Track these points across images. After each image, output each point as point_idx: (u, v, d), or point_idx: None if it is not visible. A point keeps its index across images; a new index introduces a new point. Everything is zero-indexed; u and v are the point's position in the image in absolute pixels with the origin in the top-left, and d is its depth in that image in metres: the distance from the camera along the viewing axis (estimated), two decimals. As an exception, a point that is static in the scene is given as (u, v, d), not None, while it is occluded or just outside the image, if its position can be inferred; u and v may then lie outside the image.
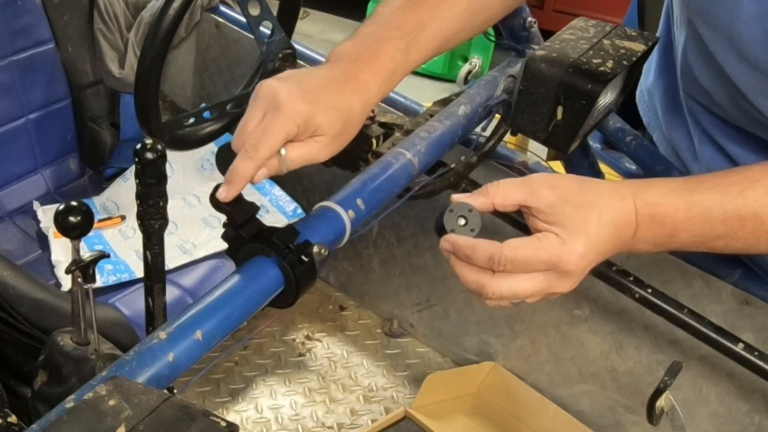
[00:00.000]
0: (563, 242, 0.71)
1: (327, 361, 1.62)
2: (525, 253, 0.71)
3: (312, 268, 0.74)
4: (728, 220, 0.74)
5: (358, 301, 1.76)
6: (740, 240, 0.75)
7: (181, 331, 0.66)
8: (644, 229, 0.74)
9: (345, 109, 0.78)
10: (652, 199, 0.74)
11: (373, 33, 0.85)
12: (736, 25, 0.85)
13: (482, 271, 0.73)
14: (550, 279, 0.72)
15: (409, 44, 0.85)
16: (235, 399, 1.52)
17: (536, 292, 0.72)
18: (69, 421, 0.55)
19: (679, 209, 0.74)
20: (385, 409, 1.53)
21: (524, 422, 1.50)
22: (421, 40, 0.86)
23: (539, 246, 0.71)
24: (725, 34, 0.88)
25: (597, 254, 0.72)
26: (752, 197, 0.74)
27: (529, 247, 0.71)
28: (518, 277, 0.72)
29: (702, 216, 0.74)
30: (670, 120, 1.14)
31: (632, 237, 0.74)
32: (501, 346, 1.55)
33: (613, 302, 1.36)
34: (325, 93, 0.77)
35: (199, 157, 1.73)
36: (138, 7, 1.79)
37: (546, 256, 0.71)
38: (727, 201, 0.74)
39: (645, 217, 0.74)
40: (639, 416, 1.37)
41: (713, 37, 0.90)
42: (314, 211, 0.80)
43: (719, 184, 0.75)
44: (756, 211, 0.74)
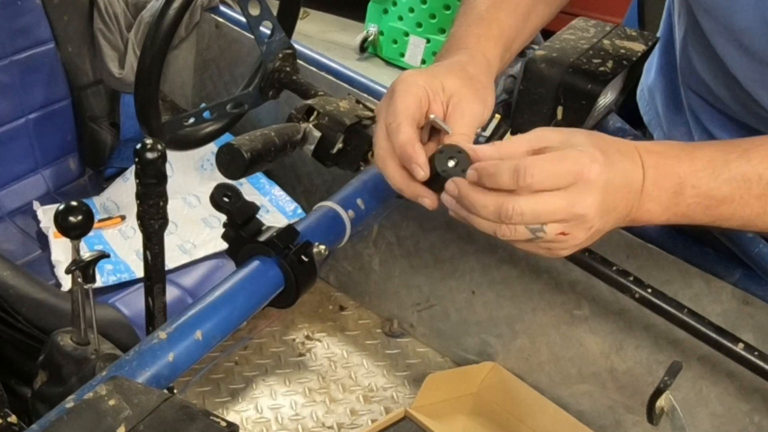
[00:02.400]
0: (583, 151, 0.68)
1: (327, 361, 1.62)
2: (549, 163, 0.68)
3: (312, 268, 0.74)
4: (733, 179, 0.72)
5: (358, 301, 1.76)
6: (747, 207, 0.73)
7: (181, 331, 0.66)
8: (650, 184, 0.71)
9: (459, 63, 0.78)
10: (656, 149, 0.72)
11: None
12: (735, 15, 0.85)
13: (502, 194, 0.69)
14: (572, 196, 0.67)
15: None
16: (235, 399, 1.52)
17: (557, 211, 0.68)
18: (69, 421, 0.55)
19: (683, 160, 0.72)
20: (385, 409, 1.53)
21: (524, 422, 1.50)
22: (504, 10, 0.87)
23: (562, 155, 0.68)
24: (724, 25, 0.88)
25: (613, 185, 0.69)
26: (756, 158, 0.72)
27: (553, 158, 0.68)
28: (541, 194, 0.68)
29: (707, 170, 0.71)
30: (670, 118, 1.14)
31: (641, 190, 0.71)
32: (501, 346, 1.55)
33: (613, 302, 1.36)
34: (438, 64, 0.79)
35: (199, 157, 1.73)
36: (138, 7, 1.79)
37: (569, 163, 0.67)
38: (732, 159, 0.72)
39: (650, 168, 0.71)
40: (639, 416, 1.37)
41: (713, 28, 0.90)
42: (314, 211, 0.80)
43: (722, 144, 0.73)
44: (761, 173, 0.71)
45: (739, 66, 0.90)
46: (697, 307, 1.15)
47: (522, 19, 0.89)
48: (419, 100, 0.73)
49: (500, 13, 0.86)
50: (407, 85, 0.73)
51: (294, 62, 1.36)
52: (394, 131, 0.71)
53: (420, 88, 0.74)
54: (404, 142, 0.71)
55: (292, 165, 1.75)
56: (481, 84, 0.78)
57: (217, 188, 0.76)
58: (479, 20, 0.86)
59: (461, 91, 0.75)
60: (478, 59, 0.81)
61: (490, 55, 0.83)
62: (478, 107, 0.77)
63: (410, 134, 0.71)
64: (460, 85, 0.76)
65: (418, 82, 0.74)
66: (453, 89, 0.75)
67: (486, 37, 0.84)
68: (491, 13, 0.86)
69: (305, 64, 1.58)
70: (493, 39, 0.85)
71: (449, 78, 0.76)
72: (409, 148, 0.71)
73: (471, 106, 0.76)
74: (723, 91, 0.97)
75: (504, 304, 1.52)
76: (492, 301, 1.53)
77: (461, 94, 0.75)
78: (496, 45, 0.85)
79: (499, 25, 0.86)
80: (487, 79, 0.80)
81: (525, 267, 1.46)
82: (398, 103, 0.72)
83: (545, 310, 1.46)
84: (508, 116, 1.03)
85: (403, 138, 0.71)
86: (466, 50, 0.82)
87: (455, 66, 0.79)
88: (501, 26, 0.86)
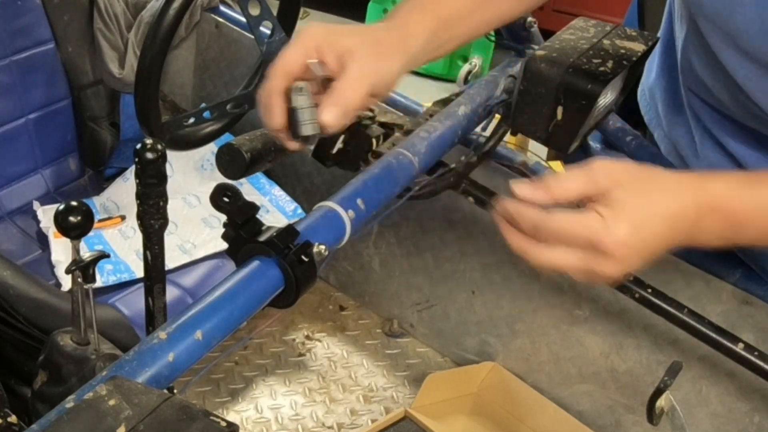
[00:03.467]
0: (605, 223, 0.69)
1: (327, 361, 1.62)
2: (563, 225, 0.69)
3: (312, 268, 0.74)
4: None
5: (358, 301, 1.76)
6: None
7: (181, 331, 0.66)
8: (707, 222, 0.72)
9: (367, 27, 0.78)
10: (716, 191, 0.72)
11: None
12: (735, 17, 0.85)
13: (526, 237, 0.72)
14: (589, 258, 0.70)
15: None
16: (235, 399, 1.52)
17: (575, 267, 0.70)
18: (69, 421, 0.55)
19: (744, 202, 0.72)
20: (385, 409, 1.53)
21: (524, 422, 1.50)
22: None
23: (579, 221, 0.70)
24: (724, 27, 0.88)
25: (643, 243, 0.70)
26: None
27: (570, 221, 0.70)
28: (558, 249, 0.70)
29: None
30: (671, 118, 1.14)
31: (691, 228, 0.72)
32: (501, 346, 1.55)
33: (613, 302, 1.36)
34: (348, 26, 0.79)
35: (199, 157, 1.73)
36: (138, 7, 1.79)
37: (585, 233, 0.69)
38: None
39: (707, 210, 0.72)
40: (639, 416, 1.37)
41: (712, 31, 0.90)
42: (314, 211, 0.80)
43: None
44: None
45: (739, 69, 0.90)
46: (697, 307, 1.15)
47: (472, 3, 0.87)
48: (306, 50, 0.74)
49: None
50: (301, 36, 0.75)
51: (294, 62, 1.36)
52: (267, 79, 0.75)
53: (312, 40, 0.74)
54: (267, 90, 0.74)
55: (292, 165, 1.76)
56: (385, 47, 0.77)
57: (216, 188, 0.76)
58: None
59: (357, 49, 0.75)
60: (397, 28, 0.81)
61: (414, 28, 0.82)
62: (372, 65, 0.76)
63: (274, 85, 0.74)
64: (360, 43, 0.75)
65: (313, 33, 0.75)
66: (349, 45, 0.75)
67: (417, 11, 0.83)
68: None
69: (305, 64, 1.58)
70: (424, 14, 0.83)
71: (350, 36, 0.76)
72: (266, 97, 0.74)
73: (363, 61, 0.75)
74: (723, 93, 0.98)
75: (504, 304, 1.52)
76: (492, 301, 1.53)
77: (356, 51, 0.75)
78: (426, 20, 0.83)
79: (438, 3, 0.84)
80: (397, 45, 0.79)
81: (525, 267, 1.46)
82: (285, 52, 0.74)
83: (545, 310, 1.46)
84: (508, 116, 1.03)
85: (268, 87, 0.74)
86: (389, 21, 0.82)
87: (364, 29, 0.79)
88: (439, 4, 0.84)
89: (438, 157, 0.97)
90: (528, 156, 1.40)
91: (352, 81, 0.73)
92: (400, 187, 0.90)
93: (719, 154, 1.05)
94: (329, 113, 0.72)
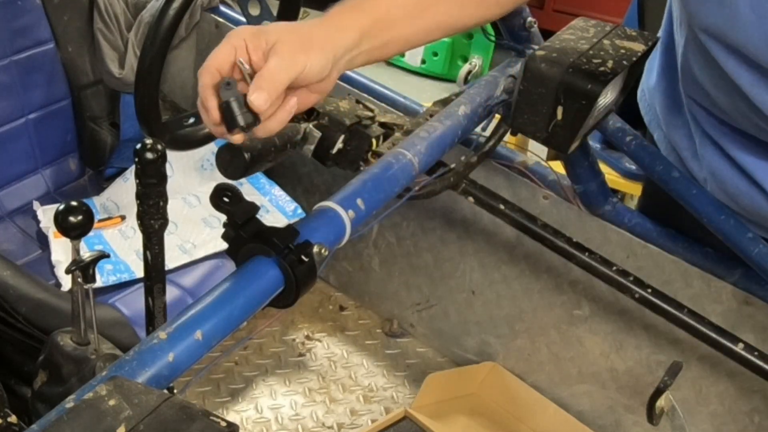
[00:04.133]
0: None
1: (327, 361, 1.62)
2: None
3: (312, 268, 0.74)
4: None
5: (358, 301, 1.76)
6: None
7: (181, 331, 0.66)
8: None
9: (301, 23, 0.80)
10: None
11: None
12: (736, 33, 0.85)
13: None
14: None
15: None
16: (235, 399, 1.52)
17: None
18: (69, 421, 0.55)
19: None
20: (385, 409, 1.53)
21: (524, 422, 1.50)
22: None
23: None
24: (725, 40, 0.88)
25: None
26: None
27: None
28: None
29: None
30: (670, 120, 1.14)
31: None
32: (501, 346, 1.55)
33: (613, 302, 1.36)
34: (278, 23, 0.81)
35: (199, 157, 1.73)
36: (138, 7, 1.79)
37: None
38: None
39: None
40: (639, 416, 1.37)
41: (713, 42, 0.90)
42: (314, 211, 0.80)
43: None
44: None
45: (743, 76, 0.90)
46: (697, 307, 1.15)
47: (414, 4, 0.87)
48: (234, 49, 0.76)
49: None
50: (229, 37, 0.77)
51: (294, 62, 1.36)
52: (198, 78, 0.77)
53: (239, 39, 0.77)
54: (200, 90, 0.77)
55: (292, 165, 1.76)
56: (310, 41, 0.78)
57: (216, 188, 0.76)
58: None
59: (280, 44, 0.76)
60: (327, 24, 0.81)
61: (345, 24, 0.82)
62: (293, 56, 0.77)
63: (205, 83, 0.76)
64: (284, 39, 0.77)
65: (241, 33, 0.77)
66: (273, 41, 0.77)
67: (351, 9, 0.83)
68: None
69: (305, 64, 1.57)
70: (358, 12, 0.83)
71: (275, 33, 0.77)
72: (202, 93, 0.77)
73: (285, 53, 0.76)
74: (724, 101, 0.97)
75: (504, 304, 1.52)
76: (492, 301, 1.53)
77: (279, 45, 0.76)
78: (359, 18, 0.83)
79: (374, 4, 0.85)
80: (324, 40, 0.80)
81: (525, 267, 1.46)
82: (214, 52, 0.77)
83: (545, 310, 1.46)
84: (508, 116, 1.02)
85: (199, 86, 0.77)
86: (323, 18, 0.82)
87: (293, 25, 0.81)
88: (376, 5, 0.84)
89: (438, 157, 0.97)
90: (528, 156, 1.40)
91: (272, 67, 0.76)
92: (400, 187, 0.90)
93: (719, 157, 1.05)
94: (256, 96, 0.74)
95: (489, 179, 1.35)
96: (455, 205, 1.50)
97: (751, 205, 1.04)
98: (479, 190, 1.20)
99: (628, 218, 1.30)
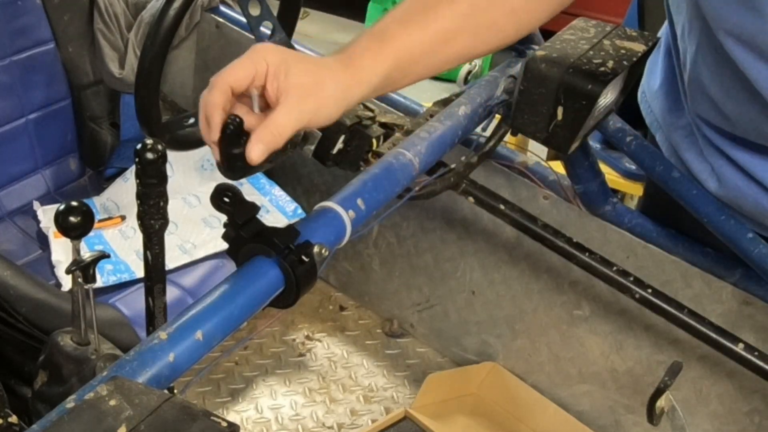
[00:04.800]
0: None
1: (327, 361, 1.62)
2: None
3: (312, 269, 0.74)
4: None
5: (358, 301, 1.76)
6: None
7: (182, 332, 0.66)
8: None
9: (321, 64, 0.77)
10: None
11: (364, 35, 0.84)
12: (763, 35, 0.84)
13: None
14: None
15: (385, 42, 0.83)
16: (235, 399, 1.52)
17: None
18: (69, 421, 0.55)
19: None
20: (385, 409, 1.53)
21: (524, 422, 1.50)
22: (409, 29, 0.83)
23: None
24: (751, 42, 0.86)
25: None
26: None
27: None
28: None
29: None
30: (671, 121, 1.14)
31: None
32: (501, 346, 1.55)
33: (613, 302, 1.36)
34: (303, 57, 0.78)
35: (199, 157, 1.73)
36: (138, 7, 1.79)
37: None
38: None
39: None
40: (639, 416, 1.37)
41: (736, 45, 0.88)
42: (314, 212, 0.80)
43: None
44: None
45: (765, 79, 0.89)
46: (698, 307, 1.15)
47: (433, 42, 0.85)
48: (254, 71, 0.74)
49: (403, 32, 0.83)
50: (252, 56, 0.75)
51: (294, 62, 1.36)
52: (208, 88, 0.75)
53: (262, 63, 0.75)
54: (209, 102, 0.75)
55: (292, 165, 1.76)
56: (326, 94, 0.77)
57: (217, 189, 0.76)
58: (379, 35, 0.83)
59: (295, 91, 0.75)
60: (348, 72, 0.79)
61: (367, 73, 0.81)
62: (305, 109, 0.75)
63: (217, 98, 0.74)
64: (302, 86, 0.75)
65: (265, 57, 0.75)
66: (289, 86, 0.75)
67: (373, 52, 0.81)
68: (393, 30, 0.83)
69: (305, 64, 1.57)
70: (380, 56, 0.81)
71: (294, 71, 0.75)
72: (209, 108, 0.75)
73: (297, 103, 0.75)
74: (733, 108, 0.97)
75: (504, 304, 1.52)
76: (492, 301, 1.53)
77: (294, 92, 0.75)
78: (382, 63, 0.81)
79: (396, 44, 0.83)
80: (342, 93, 0.78)
81: (525, 267, 1.46)
82: (233, 67, 0.75)
83: (545, 310, 1.46)
84: (509, 116, 1.02)
85: (210, 99, 0.75)
86: (344, 59, 0.80)
87: (314, 66, 0.78)
88: (397, 45, 0.83)
89: (438, 158, 0.97)
90: (528, 156, 1.40)
91: (279, 120, 0.74)
92: (401, 188, 0.90)
93: (721, 158, 1.05)
94: (255, 150, 0.73)
95: (489, 179, 1.35)
96: (455, 206, 1.50)
97: (754, 206, 1.04)
98: (479, 191, 1.20)
99: (628, 218, 1.30)
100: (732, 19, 0.87)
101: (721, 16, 0.88)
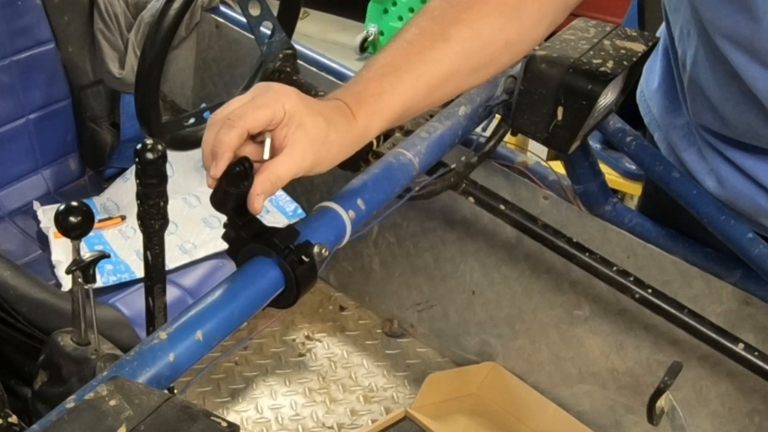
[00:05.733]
0: None
1: (327, 361, 1.62)
2: None
3: (312, 269, 0.74)
4: None
5: (358, 301, 1.76)
6: None
7: (182, 332, 0.66)
8: None
9: (330, 121, 0.77)
10: None
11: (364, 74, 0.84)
12: (759, 36, 0.85)
13: None
14: None
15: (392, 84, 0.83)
16: (235, 399, 1.52)
17: None
18: (70, 421, 0.55)
19: None
20: (386, 409, 1.53)
21: (524, 422, 1.50)
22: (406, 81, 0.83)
23: None
24: (747, 46, 0.87)
25: None
26: None
27: None
28: None
29: None
30: (669, 121, 1.14)
31: None
32: (501, 346, 1.55)
33: (613, 302, 1.36)
34: (317, 102, 0.78)
35: (199, 157, 1.72)
36: (138, 7, 1.79)
37: None
38: None
39: None
40: (639, 416, 1.37)
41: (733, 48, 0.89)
42: (314, 212, 0.80)
43: None
44: None
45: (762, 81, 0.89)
46: (698, 307, 1.15)
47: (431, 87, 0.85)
48: (271, 118, 0.74)
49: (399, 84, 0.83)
50: (272, 104, 0.74)
51: (294, 62, 1.36)
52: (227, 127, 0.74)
53: (280, 111, 0.74)
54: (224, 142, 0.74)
55: (292, 165, 1.75)
56: (330, 148, 0.77)
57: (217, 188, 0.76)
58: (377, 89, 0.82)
59: (301, 143, 0.75)
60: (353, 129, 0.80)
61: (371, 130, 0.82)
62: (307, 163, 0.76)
63: (234, 141, 0.73)
64: (308, 137, 0.75)
65: (284, 106, 0.75)
66: (298, 138, 0.75)
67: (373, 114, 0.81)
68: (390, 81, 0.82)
69: (305, 65, 1.58)
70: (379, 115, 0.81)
71: (306, 123, 0.75)
72: (222, 147, 0.74)
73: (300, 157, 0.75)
74: (731, 112, 0.97)
75: (504, 304, 1.52)
76: (492, 301, 1.53)
77: (299, 144, 0.75)
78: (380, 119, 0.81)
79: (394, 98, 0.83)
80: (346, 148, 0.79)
81: (525, 267, 1.46)
82: (254, 111, 0.74)
83: (545, 310, 1.46)
84: (508, 116, 1.03)
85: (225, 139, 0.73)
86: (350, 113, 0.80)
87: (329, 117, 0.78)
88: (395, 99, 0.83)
89: (438, 158, 0.97)
90: (528, 156, 1.40)
91: (281, 170, 0.74)
92: (401, 188, 0.90)
93: (720, 159, 1.05)
94: (257, 201, 0.73)
95: (489, 179, 1.35)
96: (455, 206, 1.50)
97: (752, 205, 1.04)
98: (479, 191, 1.20)
99: (628, 218, 1.30)
100: (728, 23, 0.87)
101: (718, 19, 0.89)
